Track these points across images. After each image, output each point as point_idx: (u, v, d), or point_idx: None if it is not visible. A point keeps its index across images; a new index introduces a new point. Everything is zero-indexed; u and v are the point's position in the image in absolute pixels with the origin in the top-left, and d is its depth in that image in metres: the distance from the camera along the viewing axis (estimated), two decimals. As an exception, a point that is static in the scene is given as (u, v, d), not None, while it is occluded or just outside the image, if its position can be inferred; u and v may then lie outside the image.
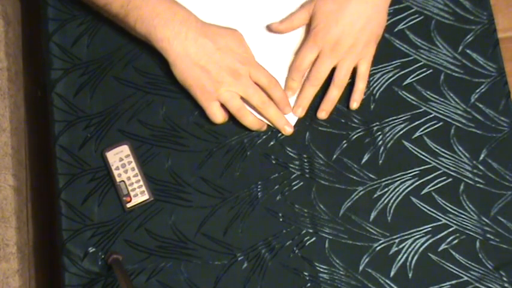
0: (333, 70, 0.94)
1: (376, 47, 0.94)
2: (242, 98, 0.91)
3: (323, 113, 0.94)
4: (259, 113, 0.93)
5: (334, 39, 0.91)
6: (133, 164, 0.92)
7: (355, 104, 0.94)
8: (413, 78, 0.97)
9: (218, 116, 0.92)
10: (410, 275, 0.91)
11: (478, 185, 0.94)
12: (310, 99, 0.94)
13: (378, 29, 0.93)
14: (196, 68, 0.90)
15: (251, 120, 0.92)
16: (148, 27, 0.89)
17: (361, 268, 0.90)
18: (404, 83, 0.97)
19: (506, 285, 0.91)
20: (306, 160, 0.94)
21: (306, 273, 0.90)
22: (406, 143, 0.95)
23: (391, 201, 0.93)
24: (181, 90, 0.94)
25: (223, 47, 0.90)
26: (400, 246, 0.91)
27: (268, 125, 0.94)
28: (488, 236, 0.92)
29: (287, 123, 0.93)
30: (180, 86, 0.93)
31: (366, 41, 0.92)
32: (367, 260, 0.91)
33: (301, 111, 0.94)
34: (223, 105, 0.92)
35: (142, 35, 0.91)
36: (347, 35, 0.91)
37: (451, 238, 0.92)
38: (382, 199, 0.93)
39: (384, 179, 0.93)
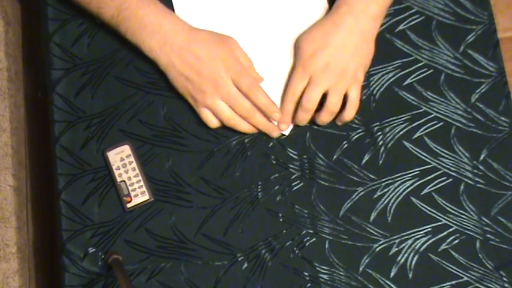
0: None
1: (363, 76, 0.93)
2: None
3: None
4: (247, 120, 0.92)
5: (322, 64, 0.90)
6: (134, 164, 0.92)
7: (339, 123, 0.94)
8: (413, 78, 0.97)
9: (212, 122, 0.92)
10: (410, 275, 0.91)
11: (478, 185, 0.94)
12: (305, 123, 0.93)
13: (366, 59, 0.93)
14: (181, 77, 0.91)
15: (245, 126, 0.93)
16: (137, 39, 0.91)
17: (361, 269, 0.90)
18: (405, 83, 0.97)
19: (506, 285, 0.91)
20: (306, 161, 0.94)
21: (306, 274, 0.90)
22: (406, 143, 0.95)
23: (391, 201, 0.93)
24: (181, 91, 0.94)
25: (206, 56, 0.90)
26: (400, 247, 0.91)
27: None
28: (488, 236, 0.92)
29: (277, 127, 0.93)
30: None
31: (355, 68, 0.91)
32: (367, 260, 0.91)
33: (285, 127, 0.93)
34: None
35: (133, 44, 0.92)
36: (336, 60, 0.90)
37: (451, 238, 0.92)
38: (382, 199, 0.93)
39: (384, 180, 0.93)
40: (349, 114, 0.93)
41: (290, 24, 0.96)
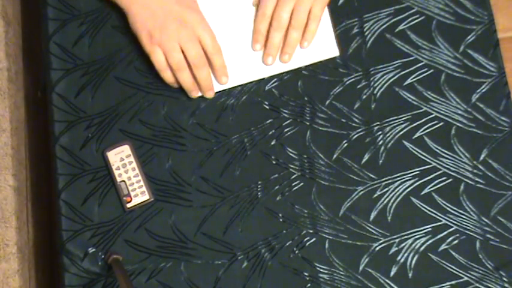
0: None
1: None
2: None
3: (286, 56, 0.96)
4: (192, 69, 0.92)
5: None
6: (134, 164, 0.92)
7: (305, 43, 0.96)
8: (414, 78, 0.97)
9: (161, 63, 0.92)
10: (410, 275, 0.91)
11: (478, 185, 0.94)
12: (278, 46, 0.95)
13: None
14: (146, 11, 0.91)
15: (186, 77, 0.92)
16: None
17: (361, 268, 0.90)
18: (405, 83, 0.97)
19: (506, 285, 0.91)
20: (306, 160, 0.93)
21: (306, 274, 0.90)
22: (406, 143, 0.95)
23: (391, 201, 0.93)
24: (182, 90, 0.94)
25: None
26: (400, 246, 0.91)
27: (266, 126, 0.94)
28: (488, 236, 0.92)
29: (212, 89, 0.94)
30: (181, 86, 0.93)
31: None
32: (367, 260, 0.91)
33: (271, 60, 0.95)
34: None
35: None
36: None
37: (451, 238, 0.92)
38: (382, 199, 0.93)
39: (384, 179, 0.93)
40: (311, 27, 0.95)
41: None
